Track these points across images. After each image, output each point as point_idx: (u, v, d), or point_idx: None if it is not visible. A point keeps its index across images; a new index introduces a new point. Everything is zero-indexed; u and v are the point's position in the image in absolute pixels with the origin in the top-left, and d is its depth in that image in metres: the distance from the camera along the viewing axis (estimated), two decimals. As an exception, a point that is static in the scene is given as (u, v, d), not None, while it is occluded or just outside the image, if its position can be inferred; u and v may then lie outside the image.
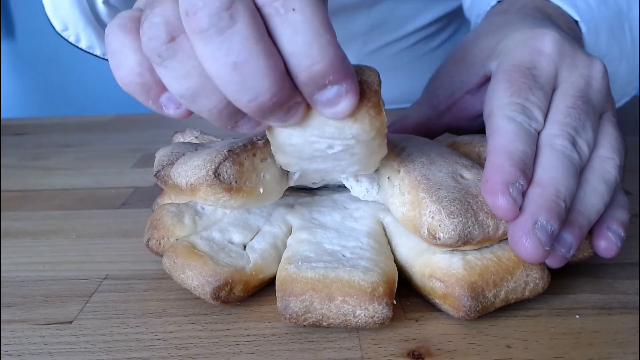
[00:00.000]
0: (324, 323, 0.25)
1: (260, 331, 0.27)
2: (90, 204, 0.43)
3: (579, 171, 0.27)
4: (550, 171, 0.26)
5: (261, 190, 0.28)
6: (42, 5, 0.47)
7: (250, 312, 0.28)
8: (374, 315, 0.25)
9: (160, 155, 0.33)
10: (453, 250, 0.27)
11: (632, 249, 0.33)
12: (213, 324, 0.27)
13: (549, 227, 0.25)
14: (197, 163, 0.27)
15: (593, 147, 0.28)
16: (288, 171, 0.29)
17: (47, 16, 0.46)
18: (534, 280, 0.27)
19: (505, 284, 0.26)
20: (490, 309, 0.26)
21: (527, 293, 0.27)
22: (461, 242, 0.26)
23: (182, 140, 0.38)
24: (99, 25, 0.46)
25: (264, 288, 0.29)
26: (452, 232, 0.25)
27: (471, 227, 0.25)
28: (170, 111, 0.24)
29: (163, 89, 0.23)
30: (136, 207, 0.42)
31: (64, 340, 0.26)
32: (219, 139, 0.38)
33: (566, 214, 0.26)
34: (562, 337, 0.26)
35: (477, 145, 0.32)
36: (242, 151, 0.27)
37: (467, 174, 0.28)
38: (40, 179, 0.49)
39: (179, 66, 0.22)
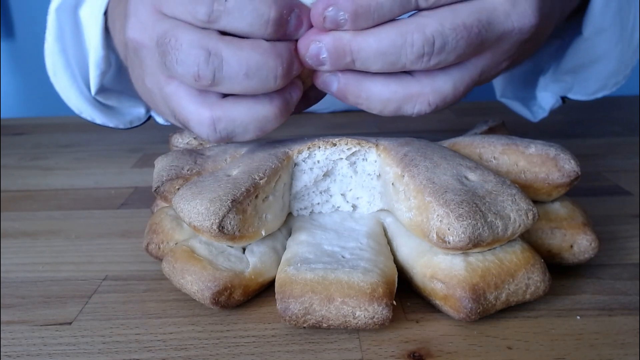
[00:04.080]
0: (324, 324, 0.25)
1: (260, 332, 0.27)
2: (89, 204, 0.43)
3: None
4: None
5: (263, 233, 0.29)
6: (42, 5, 0.48)
7: (250, 313, 0.28)
8: (373, 316, 0.25)
9: (159, 168, 0.32)
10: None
11: (633, 249, 0.33)
12: (213, 325, 0.27)
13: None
14: (200, 209, 0.27)
15: None
16: (288, 203, 0.31)
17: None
18: (535, 284, 0.26)
19: (506, 286, 0.26)
20: (491, 311, 0.26)
21: (527, 296, 0.27)
22: (471, 245, 0.25)
23: (180, 140, 0.38)
24: (102, 106, 0.53)
25: (264, 289, 0.29)
26: (462, 235, 0.25)
27: (481, 229, 0.25)
28: None
29: None
30: (136, 208, 0.42)
31: (64, 342, 0.26)
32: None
33: None
34: (563, 338, 0.26)
35: (478, 146, 0.32)
36: (245, 197, 0.27)
37: (472, 176, 0.28)
38: (40, 179, 0.49)
39: None
